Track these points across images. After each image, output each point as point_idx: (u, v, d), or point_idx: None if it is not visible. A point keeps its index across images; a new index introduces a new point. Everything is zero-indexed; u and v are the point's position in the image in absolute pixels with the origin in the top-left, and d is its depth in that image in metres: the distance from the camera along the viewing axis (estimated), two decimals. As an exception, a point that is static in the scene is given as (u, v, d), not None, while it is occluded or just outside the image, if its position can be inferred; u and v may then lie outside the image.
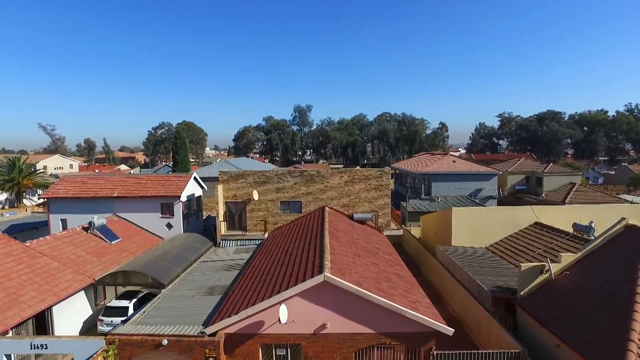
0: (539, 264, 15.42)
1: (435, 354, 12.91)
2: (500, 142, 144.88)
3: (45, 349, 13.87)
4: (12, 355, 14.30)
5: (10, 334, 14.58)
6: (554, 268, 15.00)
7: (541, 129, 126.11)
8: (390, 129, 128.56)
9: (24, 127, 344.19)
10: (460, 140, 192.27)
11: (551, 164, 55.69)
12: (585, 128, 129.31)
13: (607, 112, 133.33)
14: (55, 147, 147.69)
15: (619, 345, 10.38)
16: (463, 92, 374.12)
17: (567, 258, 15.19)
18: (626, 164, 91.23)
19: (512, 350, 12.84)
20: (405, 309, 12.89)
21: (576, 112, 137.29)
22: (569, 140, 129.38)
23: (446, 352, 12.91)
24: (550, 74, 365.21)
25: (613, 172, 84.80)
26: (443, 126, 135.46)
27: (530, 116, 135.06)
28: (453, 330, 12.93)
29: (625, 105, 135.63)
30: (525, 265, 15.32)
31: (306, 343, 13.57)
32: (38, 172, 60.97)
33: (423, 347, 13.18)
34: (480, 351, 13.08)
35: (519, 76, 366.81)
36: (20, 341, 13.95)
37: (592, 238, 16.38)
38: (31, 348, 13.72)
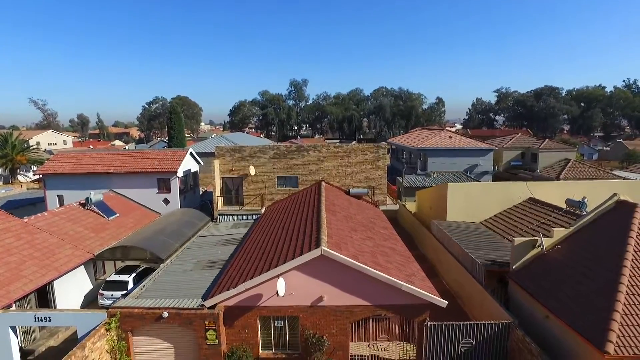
0: (532, 238, 15.71)
1: (428, 325, 13.33)
2: (497, 117, 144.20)
3: (49, 321, 14.21)
4: (17, 328, 14.62)
5: (13, 308, 14.86)
6: (546, 243, 15.32)
7: (538, 104, 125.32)
8: (387, 104, 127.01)
9: (14, 102, 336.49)
10: (457, 116, 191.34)
11: (547, 140, 55.69)
12: (582, 104, 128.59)
13: (604, 87, 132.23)
14: (48, 123, 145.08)
15: (604, 317, 10.80)
16: (461, 66, 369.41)
17: (559, 233, 15.50)
18: (621, 140, 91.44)
19: (503, 321, 13.30)
20: (401, 282, 13.21)
21: (574, 88, 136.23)
22: (565, 116, 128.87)
23: (439, 323, 13.34)
24: (548, 49, 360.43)
25: (608, 148, 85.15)
26: (440, 101, 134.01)
27: (528, 92, 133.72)
28: (447, 302, 13.31)
29: (624, 80, 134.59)
30: (518, 240, 15.61)
31: (303, 315, 13.95)
32: (32, 148, 60.38)
33: (417, 319, 13.59)
34: (472, 322, 13.53)
35: (517, 51, 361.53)
36: (24, 314, 14.28)
37: (585, 213, 16.61)
38: (35, 320, 14.05)
